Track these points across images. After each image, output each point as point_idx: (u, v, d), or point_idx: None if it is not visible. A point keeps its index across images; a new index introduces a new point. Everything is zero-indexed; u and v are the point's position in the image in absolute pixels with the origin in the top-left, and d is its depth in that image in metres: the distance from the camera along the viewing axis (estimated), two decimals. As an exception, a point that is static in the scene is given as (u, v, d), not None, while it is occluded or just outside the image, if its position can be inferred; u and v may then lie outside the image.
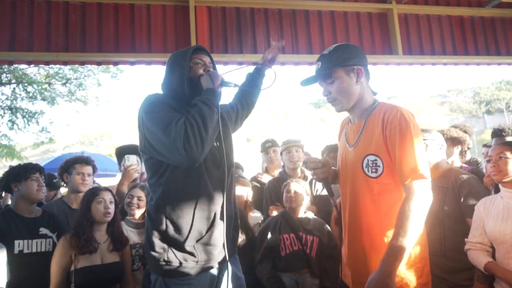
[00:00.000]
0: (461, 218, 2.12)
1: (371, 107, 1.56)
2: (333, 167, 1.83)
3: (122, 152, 2.93)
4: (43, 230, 2.23)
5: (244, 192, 2.90)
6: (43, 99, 10.57)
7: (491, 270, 1.84)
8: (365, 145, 1.52)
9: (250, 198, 2.97)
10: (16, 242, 2.11)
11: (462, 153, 2.94)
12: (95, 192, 2.22)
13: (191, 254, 1.52)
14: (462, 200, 2.12)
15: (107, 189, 2.29)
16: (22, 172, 2.24)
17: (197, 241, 1.54)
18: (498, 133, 2.78)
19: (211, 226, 1.56)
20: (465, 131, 3.10)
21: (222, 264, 1.60)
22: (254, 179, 3.46)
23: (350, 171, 1.59)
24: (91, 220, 2.15)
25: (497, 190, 2.04)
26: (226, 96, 2.09)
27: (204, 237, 1.54)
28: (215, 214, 1.57)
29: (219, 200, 1.59)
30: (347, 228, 1.63)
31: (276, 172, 3.34)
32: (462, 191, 2.13)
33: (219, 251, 1.59)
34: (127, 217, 2.50)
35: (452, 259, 2.11)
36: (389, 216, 1.45)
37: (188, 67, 1.61)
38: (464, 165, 2.87)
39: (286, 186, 2.66)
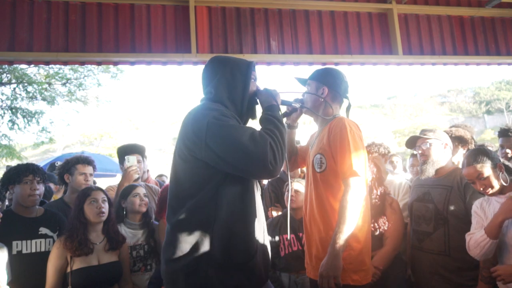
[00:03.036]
0: (465, 217, 2.12)
1: (329, 120, 1.87)
2: None
3: (124, 152, 2.92)
4: (43, 230, 2.22)
5: None
6: (43, 99, 10.54)
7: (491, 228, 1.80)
8: (317, 147, 1.86)
9: None
10: (14, 243, 2.10)
11: None
12: (86, 192, 2.19)
13: (233, 278, 1.38)
14: (467, 200, 2.12)
15: (98, 188, 2.27)
16: (15, 175, 2.21)
17: (242, 264, 1.41)
18: (505, 133, 2.76)
19: (256, 250, 1.46)
20: (466, 131, 3.08)
21: None
22: None
23: (309, 169, 1.91)
24: (84, 222, 2.12)
25: None
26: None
27: (251, 261, 1.43)
28: (258, 238, 1.49)
29: (263, 222, 1.55)
30: (306, 221, 1.91)
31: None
32: (467, 190, 2.13)
33: (259, 277, 1.47)
34: (127, 219, 2.50)
35: (456, 258, 2.11)
36: (329, 208, 1.74)
37: (249, 82, 1.57)
38: None
39: (287, 186, 2.67)
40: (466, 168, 1.95)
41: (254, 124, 1.60)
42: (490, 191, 1.91)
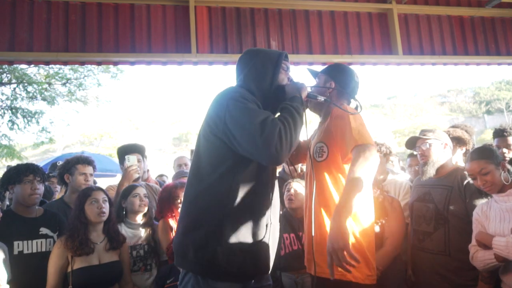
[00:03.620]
0: (466, 217, 2.12)
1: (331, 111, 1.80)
2: None
3: (124, 152, 2.92)
4: (44, 230, 2.22)
5: None
6: (43, 99, 10.53)
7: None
8: (318, 137, 1.83)
9: None
10: (16, 243, 2.10)
11: (465, 154, 2.92)
12: (87, 192, 2.20)
13: (237, 259, 1.43)
14: (468, 200, 2.12)
15: (99, 188, 2.28)
16: (15, 175, 2.21)
17: (247, 248, 1.45)
18: (500, 133, 2.77)
19: (264, 236, 1.51)
20: (465, 131, 3.08)
21: (260, 278, 1.55)
22: None
23: (309, 161, 1.82)
24: (85, 222, 2.13)
25: None
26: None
27: (256, 246, 1.48)
28: (267, 225, 1.54)
29: (277, 212, 1.61)
30: (306, 215, 1.82)
31: (276, 173, 3.33)
32: (468, 191, 2.13)
33: (261, 264, 1.52)
34: (127, 219, 2.50)
35: (456, 258, 2.11)
36: (330, 198, 1.67)
37: (279, 72, 1.64)
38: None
39: (287, 186, 2.67)
40: (470, 163, 1.98)
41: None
42: (490, 188, 1.92)
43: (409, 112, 45.35)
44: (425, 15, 4.40)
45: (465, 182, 2.15)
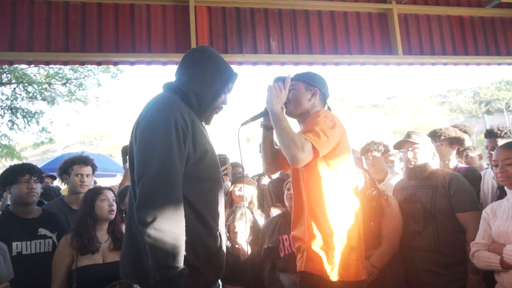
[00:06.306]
0: (452, 213, 2.22)
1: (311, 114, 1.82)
2: None
3: (126, 152, 2.92)
4: (42, 231, 2.22)
5: (249, 191, 2.92)
6: (43, 99, 10.53)
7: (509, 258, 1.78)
8: None
9: (255, 197, 2.98)
10: (14, 244, 2.10)
11: (460, 153, 2.96)
12: (98, 190, 2.23)
13: (201, 273, 1.43)
14: (452, 196, 2.21)
15: (109, 188, 2.30)
16: (11, 176, 2.22)
17: (208, 258, 1.46)
18: (490, 134, 2.78)
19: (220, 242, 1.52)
20: (465, 131, 3.09)
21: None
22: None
23: None
24: (95, 218, 2.15)
25: (501, 190, 2.07)
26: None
27: (214, 254, 1.48)
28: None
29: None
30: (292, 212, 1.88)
31: (276, 173, 3.33)
32: (451, 187, 2.23)
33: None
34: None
35: (447, 254, 2.19)
36: (312, 192, 1.70)
37: (222, 93, 1.60)
38: (460, 165, 2.87)
39: (287, 185, 2.67)
40: (499, 150, 1.97)
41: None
42: (506, 180, 1.91)
43: (409, 112, 45.32)
44: (425, 15, 4.39)
45: (448, 179, 2.25)
